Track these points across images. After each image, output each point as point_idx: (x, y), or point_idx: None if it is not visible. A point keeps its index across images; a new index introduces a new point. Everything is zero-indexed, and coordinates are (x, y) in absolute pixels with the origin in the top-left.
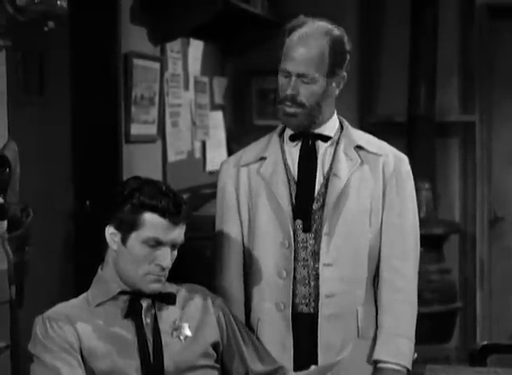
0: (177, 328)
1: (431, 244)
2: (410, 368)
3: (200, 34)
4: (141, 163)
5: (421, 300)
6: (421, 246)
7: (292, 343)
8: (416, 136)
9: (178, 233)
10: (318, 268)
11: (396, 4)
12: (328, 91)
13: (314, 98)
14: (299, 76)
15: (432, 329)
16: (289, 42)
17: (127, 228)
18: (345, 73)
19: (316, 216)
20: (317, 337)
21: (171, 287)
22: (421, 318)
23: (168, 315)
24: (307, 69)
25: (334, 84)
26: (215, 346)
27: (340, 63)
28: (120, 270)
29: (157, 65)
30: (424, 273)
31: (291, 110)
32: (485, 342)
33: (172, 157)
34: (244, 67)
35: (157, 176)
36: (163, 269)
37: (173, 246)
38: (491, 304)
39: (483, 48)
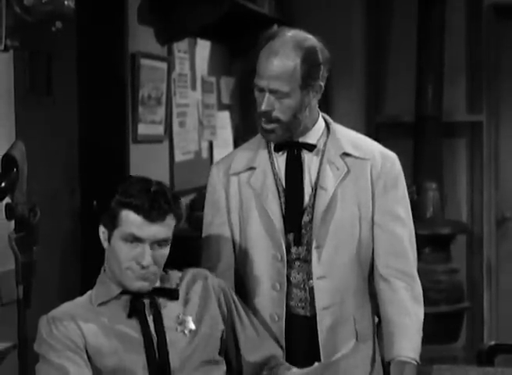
0: (181, 322)
1: (438, 244)
2: (419, 362)
3: (207, 34)
4: (148, 163)
5: (429, 300)
6: (429, 246)
7: (285, 353)
8: (423, 136)
9: (156, 230)
10: (311, 277)
11: (403, 4)
12: (305, 103)
13: (290, 111)
14: (271, 92)
15: (439, 329)
16: (261, 56)
17: (110, 226)
18: (321, 83)
19: (308, 228)
20: (315, 342)
21: (174, 276)
22: (428, 318)
23: (171, 310)
24: (279, 84)
25: (311, 95)
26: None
27: (314, 75)
28: (109, 268)
29: (164, 65)
30: (431, 273)
31: (268, 127)
32: (493, 342)
33: (179, 157)
34: (251, 67)
35: (164, 176)
36: (143, 267)
37: (155, 243)
38: (498, 304)
39: (490, 48)
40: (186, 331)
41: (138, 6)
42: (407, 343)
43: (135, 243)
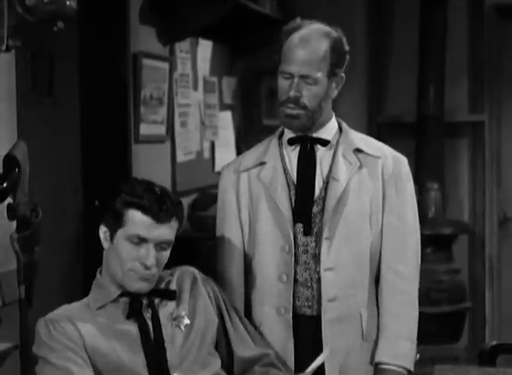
0: (175, 318)
1: (440, 244)
2: (411, 369)
3: (209, 34)
4: (150, 163)
5: (430, 300)
6: (430, 246)
7: (293, 347)
8: (425, 136)
9: (162, 232)
10: (319, 271)
11: (405, 4)
12: (329, 93)
13: (317, 99)
14: (302, 77)
15: (441, 329)
16: (289, 44)
17: (114, 226)
18: (343, 74)
19: (317, 220)
20: (320, 339)
21: (165, 275)
22: (430, 318)
23: (165, 307)
24: (310, 70)
25: (334, 85)
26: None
27: (340, 64)
28: (109, 268)
29: (166, 65)
30: (433, 273)
31: (293, 112)
32: (495, 342)
33: (181, 157)
34: (253, 67)
35: (166, 176)
36: (147, 267)
37: (159, 245)
38: (500, 304)
39: (492, 48)
40: (182, 326)
41: (140, 6)
42: (392, 348)
43: (140, 243)
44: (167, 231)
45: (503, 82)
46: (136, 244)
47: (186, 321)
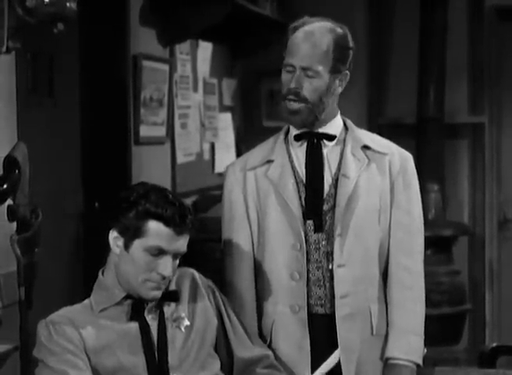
0: (175, 319)
1: (440, 245)
2: (421, 364)
3: (209, 36)
4: (150, 165)
5: (430, 302)
6: (430, 248)
7: (309, 344)
8: (425, 137)
9: (181, 243)
10: (331, 269)
11: (405, 5)
12: (331, 88)
13: (317, 93)
14: (303, 69)
15: (441, 331)
16: (293, 39)
17: (131, 234)
18: (348, 72)
19: (327, 217)
20: (334, 336)
21: None
22: (430, 320)
23: (167, 308)
24: (311, 62)
25: (337, 82)
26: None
27: (344, 60)
28: (120, 275)
29: (166, 66)
30: (433, 274)
31: (294, 107)
32: (495, 344)
33: (180, 158)
34: (253, 68)
35: (166, 177)
36: (164, 277)
37: (175, 255)
38: (500, 305)
39: (492, 50)
40: (182, 327)
41: (140, 8)
42: (403, 344)
43: (158, 255)
44: (184, 242)
45: (503, 83)
46: (154, 255)
47: (186, 322)
